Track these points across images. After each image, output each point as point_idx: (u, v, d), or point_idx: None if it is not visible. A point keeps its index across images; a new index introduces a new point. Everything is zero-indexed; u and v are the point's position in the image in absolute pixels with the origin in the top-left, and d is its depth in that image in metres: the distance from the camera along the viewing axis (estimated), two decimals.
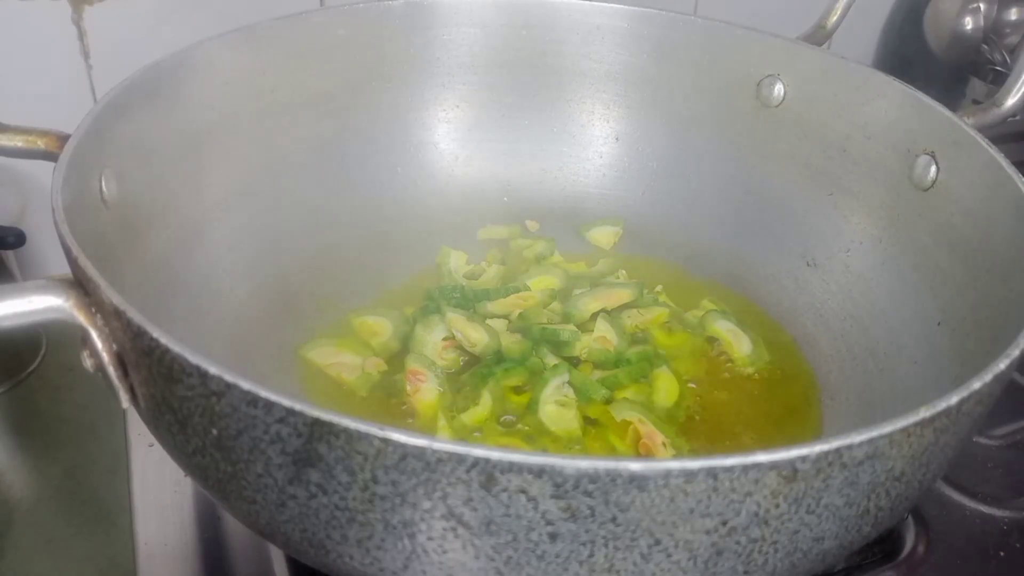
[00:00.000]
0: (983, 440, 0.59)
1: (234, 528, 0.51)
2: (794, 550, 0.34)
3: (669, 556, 0.32)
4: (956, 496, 0.55)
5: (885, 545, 0.52)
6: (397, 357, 0.57)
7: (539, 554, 0.32)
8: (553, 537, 0.32)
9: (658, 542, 0.32)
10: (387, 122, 0.66)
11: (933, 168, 0.55)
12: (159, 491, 0.54)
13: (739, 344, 0.60)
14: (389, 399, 0.55)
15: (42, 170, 0.44)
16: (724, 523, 0.32)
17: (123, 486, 0.54)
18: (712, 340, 0.61)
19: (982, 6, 0.82)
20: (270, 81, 0.60)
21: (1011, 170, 0.49)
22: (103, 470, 0.56)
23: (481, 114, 0.69)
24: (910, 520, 0.53)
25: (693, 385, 0.57)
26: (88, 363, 0.38)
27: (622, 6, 0.66)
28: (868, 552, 0.51)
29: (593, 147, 0.70)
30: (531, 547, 0.32)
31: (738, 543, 0.33)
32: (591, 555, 0.32)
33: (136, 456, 0.56)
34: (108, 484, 0.55)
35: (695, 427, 0.55)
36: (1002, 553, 0.52)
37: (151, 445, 0.56)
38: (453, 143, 0.69)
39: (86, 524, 0.54)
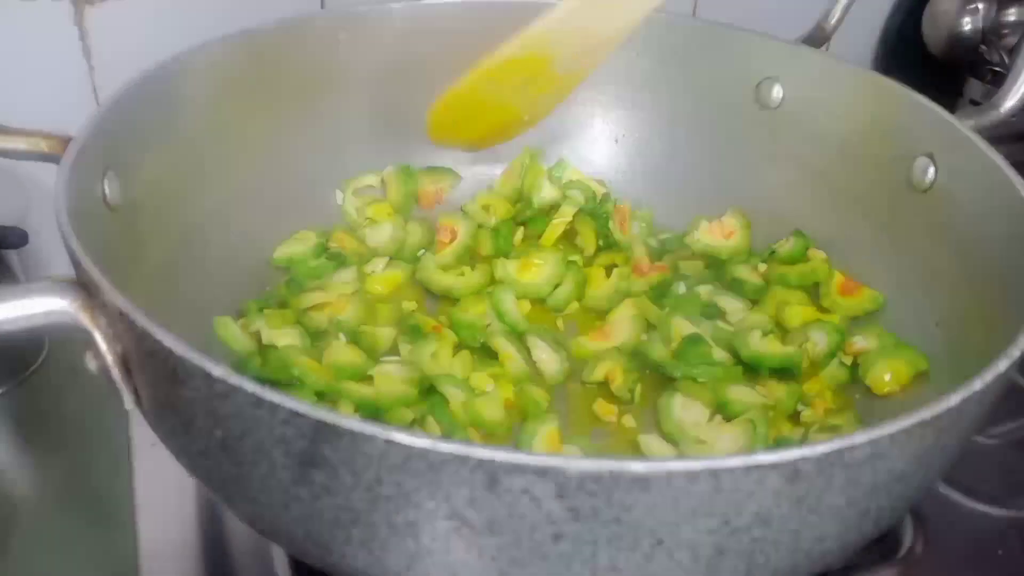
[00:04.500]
0: (982, 440, 0.59)
1: (236, 528, 0.51)
2: (796, 550, 0.35)
3: (672, 556, 0.33)
4: (954, 495, 0.55)
5: (883, 544, 0.52)
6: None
7: (542, 554, 0.32)
8: (557, 537, 0.32)
9: (661, 542, 0.32)
10: (389, 124, 0.66)
11: (931, 170, 0.55)
12: (162, 491, 0.53)
13: None
14: None
15: (45, 169, 0.44)
16: (726, 523, 0.32)
17: (126, 486, 0.54)
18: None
19: (980, 7, 0.82)
20: (272, 83, 0.60)
21: (1009, 171, 0.50)
22: (105, 470, 0.56)
23: None
24: (908, 519, 0.53)
25: None
26: (92, 364, 0.38)
27: None
28: (866, 551, 0.51)
29: (592, 149, 0.70)
30: (535, 547, 0.32)
31: (740, 543, 0.33)
32: (594, 555, 0.32)
33: (139, 456, 0.56)
34: (111, 484, 0.55)
35: None
36: (1000, 552, 0.52)
37: (154, 445, 0.55)
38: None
39: (89, 524, 0.54)
